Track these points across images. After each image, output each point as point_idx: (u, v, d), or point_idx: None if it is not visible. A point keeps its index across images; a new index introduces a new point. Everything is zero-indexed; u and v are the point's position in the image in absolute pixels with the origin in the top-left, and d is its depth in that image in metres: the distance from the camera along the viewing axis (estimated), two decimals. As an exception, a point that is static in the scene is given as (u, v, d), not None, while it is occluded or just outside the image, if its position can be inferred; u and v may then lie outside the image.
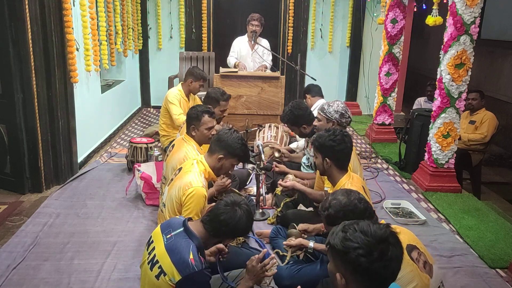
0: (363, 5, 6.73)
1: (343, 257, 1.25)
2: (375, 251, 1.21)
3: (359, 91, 7.21)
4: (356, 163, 2.86)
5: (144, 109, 6.94)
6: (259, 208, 3.36)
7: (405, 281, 1.68)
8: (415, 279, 1.71)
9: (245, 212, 1.90)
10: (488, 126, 4.46)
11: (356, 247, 1.22)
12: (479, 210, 3.70)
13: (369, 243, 1.22)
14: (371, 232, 1.25)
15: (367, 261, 1.20)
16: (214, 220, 1.87)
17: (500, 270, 2.87)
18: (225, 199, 1.94)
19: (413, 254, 1.78)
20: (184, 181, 2.40)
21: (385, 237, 1.25)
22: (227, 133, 2.52)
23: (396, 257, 1.24)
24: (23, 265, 2.65)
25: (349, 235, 1.26)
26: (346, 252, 1.23)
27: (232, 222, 1.85)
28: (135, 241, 2.97)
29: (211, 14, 6.89)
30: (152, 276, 1.79)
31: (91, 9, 4.24)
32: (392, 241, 1.25)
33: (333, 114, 3.12)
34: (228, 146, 2.48)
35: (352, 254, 1.22)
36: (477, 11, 3.65)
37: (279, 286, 2.33)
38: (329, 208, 1.86)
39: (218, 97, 3.79)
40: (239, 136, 2.54)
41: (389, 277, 1.26)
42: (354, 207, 1.85)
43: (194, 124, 2.95)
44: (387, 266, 1.22)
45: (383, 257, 1.21)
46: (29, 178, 3.67)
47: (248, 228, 1.96)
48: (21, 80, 3.43)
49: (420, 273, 1.75)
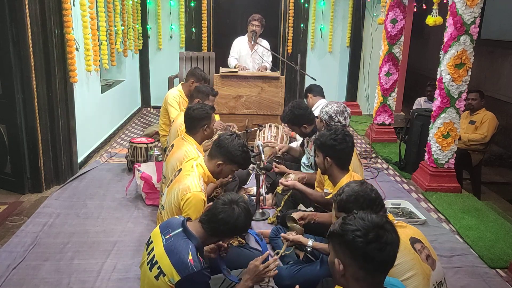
0: (363, 5, 6.73)
1: (341, 240, 1.30)
2: (371, 233, 1.27)
3: (359, 91, 7.21)
4: (357, 163, 2.86)
5: (144, 109, 6.95)
6: (259, 208, 3.36)
7: (405, 268, 1.70)
8: (416, 267, 1.72)
9: (243, 210, 1.89)
10: (488, 126, 4.46)
11: (353, 229, 1.28)
12: (479, 210, 3.70)
13: (366, 226, 1.28)
14: (368, 218, 1.32)
15: (363, 242, 1.26)
16: (212, 220, 1.86)
17: (500, 270, 2.87)
18: (222, 197, 1.93)
19: (416, 245, 1.80)
20: (182, 185, 2.37)
21: (381, 223, 1.31)
22: (228, 138, 2.46)
23: (392, 242, 1.29)
24: (23, 265, 2.65)
25: (348, 220, 1.33)
26: (344, 234, 1.29)
27: (231, 221, 1.84)
28: (135, 241, 2.97)
29: (211, 14, 6.89)
30: (151, 277, 1.79)
31: (91, 9, 4.24)
32: (388, 228, 1.31)
33: (323, 115, 3.12)
34: (228, 152, 2.43)
35: (350, 236, 1.28)
36: (477, 11, 3.65)
37: (279, 286, 2.33)
38: (342, 193, 1.90)
39: (209, 92, 3.82)
40: (241, 143, 2.47)
41: (385, 261, 1.29)
42: (366, 194, 1.88)
43: (207, 123, 2.96)
44: (383, 249, 1.26)
45: (379, 239, 1.27)
46: (29, 178, 3.67)
47: (247, 226, 1.96)
48: (21, 80, 3.43)
49: (421, 262, 1.76)
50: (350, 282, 1.29)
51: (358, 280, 1.28)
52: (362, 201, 1.85)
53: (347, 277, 1.29)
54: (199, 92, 3.81)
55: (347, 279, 1.29)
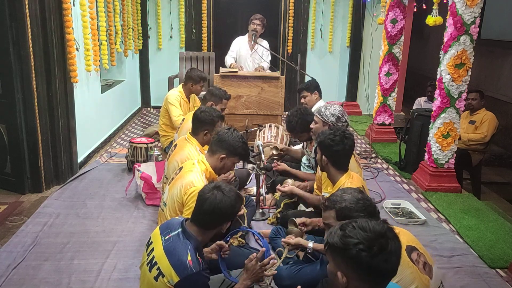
0: (363, 5, 6.73)
1: (344, 254, 1.25)
2: (375, 245, 1.22)
3: (359, 91, 7.21)
4: (354, 164, 2.83)
5: (144, 109, 6.95)
6: (259, 208, 3.36)
7: (406, 283, 1.68)
8: (416, 281, 1.71)
9: (226, 192, 1.88)
10: (488, 126, 4.46)
11: (356, 242, 1.23)
12: (479, 210, 3.70)
13: (368, 238, 1.23)
14: (369, 227, 1.26)
15: (368, 256, 1.21)
16: (199, 212, 1.86)
17: (500, 270, 2.87)
18: (203, 188, 1.93)
19: (412, 255, 1.78)
20: (185, 181, 2.40)
21: (383, 232, 1.26)
22: (227, 132, 2.53)
23: (396, 250, 1.26)
24: (23, 265, 2.65)
25: (348, 232, 1.26)
26: (347, 248, 1.24)
27: (216, 206, 1.83)
28: (135, 241, 2.97)
29: (211, 14, 6.88)
30: (151, 278, 1.79)
31: (91, 9, 4.24)
32: (390, 236, 1.27)
33: (329, 117, 3.09)
34: (229, 145, 2.50)
35: (353, 250, 1.22)
36: (477, 11, 3.65)
37: (279, 286, 2.33)
38: (343, 201, 1.82)
39: (222, 95, 3.86)
40: (239, 135, 2.56)
41: (390, 271, 1.26)
42: (369, 201, 1.85)
43: (208, 129, 2.93)
44: (388, 260, 1.23)
45: (383, 250, 1.22)
46: (29, 178, 3.67)
47: (235, 208, 1.92)
48: (21, 80, 3.43)
49: (420, 274, 1.75)
50: None
51: None
52: (366, 209, 1.81)
53: None
54: (212, 95, 3.85)
55: None
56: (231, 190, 1.92)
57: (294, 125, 3.44)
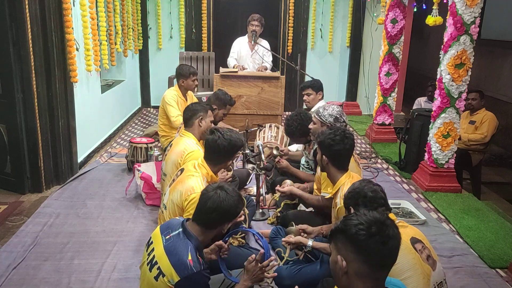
0: (363, 5, 6.73)
1: (344, 235, 1.31)
2: (374, 226, 1.28)
3: (359, 91, 7.21)
4: (353, 165, 2.81)
5: (144, 109, 6.95)
6: (259, 208, 3.36)
7: (404, 267, 1.70)
8: (415, 268, 1.72)
9: (229, 192, 1.89)
10: (488, 126, 4.46)
11: (356, 223, 1.29)
12: (479, 210, 3.70)
13: (368, 220, 1.30)
14: (370, 213, 1.34)
15: (365, 234, 1.26)
16: (201, 211, 1.87)
17: (500, 270, 2.87)
18: (206, 188, 1.95)
19: (416, 245, 1.81)
20: (186, 186, 2.39)
21: (383, 219, 1.32)
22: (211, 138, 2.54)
23: (394, 236, 1.30)
24: (23, 265, 2.65)
25: (350, 217, 1.35)
26: (347, 229, 1.30)
27: (219, 205, 1.85)
28: (135, 241, 2.97)
29: (211, 14, 6.88)
30: (151, 277, 1.79)
31: (91, 9, 4.24)
32: (389, 223, 1.32)
33: (327, 118, 3.08)
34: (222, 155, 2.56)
35: (352, 230, 1.28)
36: (477, 11, 3.65)
37: (279, 286, 2.33)
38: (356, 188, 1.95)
39: (227, 101, 3.94)
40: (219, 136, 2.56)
41: (388, 255, 1.29)
42: (362, 191, 1.93)
43: (202, 115, 3.04)
44: (385, 242, 1.27)
45: (381, 232, 1.27)
46: (29, 178, 3.67)
47: (237, 208, 1.93)
48: (21, 80, 3.44)
49: (422, 262, 1.76)
50: (353, 279, 1.28)
51: (361, 276, 1.27)
52: (357, 198, 1.90)
53: (350, 274, 1.28)
54: (217, 99, 3.93)
55: (349, 276, 1.29)
56: (234, 190, 1.94)
57: (294, 130, 3.42)
